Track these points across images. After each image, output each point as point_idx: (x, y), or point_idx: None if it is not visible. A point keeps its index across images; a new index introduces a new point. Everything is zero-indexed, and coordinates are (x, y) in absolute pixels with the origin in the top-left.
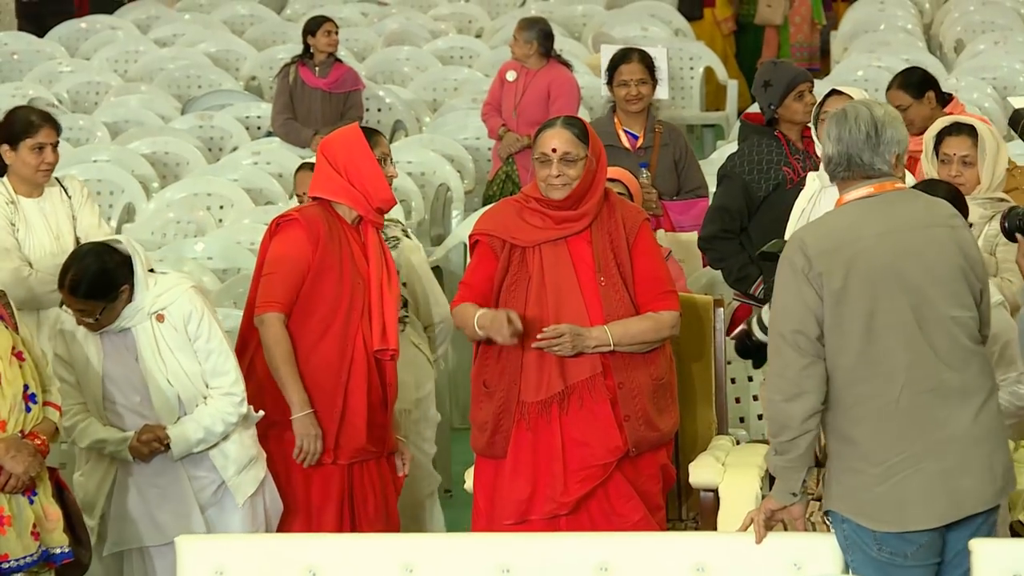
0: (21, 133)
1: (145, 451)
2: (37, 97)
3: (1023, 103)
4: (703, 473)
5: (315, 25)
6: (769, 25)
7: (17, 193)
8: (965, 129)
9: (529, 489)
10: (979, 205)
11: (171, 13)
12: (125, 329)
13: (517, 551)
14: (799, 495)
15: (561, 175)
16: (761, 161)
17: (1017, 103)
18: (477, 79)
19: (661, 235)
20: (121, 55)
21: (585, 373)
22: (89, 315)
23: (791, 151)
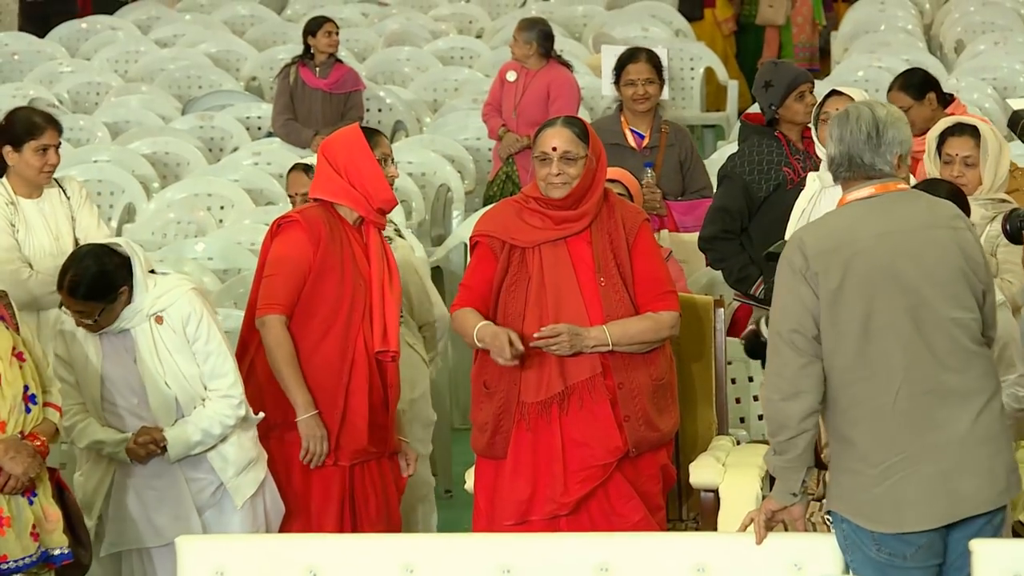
0: (25, 134)
1: (141, 453)
2: (38, 97)
3: (1022, 105)
4: (703, 473)
5: (315, 26)
6: (770, 25)
7: (16, 194)
8: (968, 130)
9: (529, 490)
10: (981, 206)
11: (171, 13)
12: (124, 330)
13: (517, 551)
14: (799, 495)
15: (561, 173)
16: (761, 161)
17: (1016, 105)
18: (478, 79)
19: (665, 235)
20: (122, 55)
21: (585, 373)
22: (88, 316)
23: (791, 151)
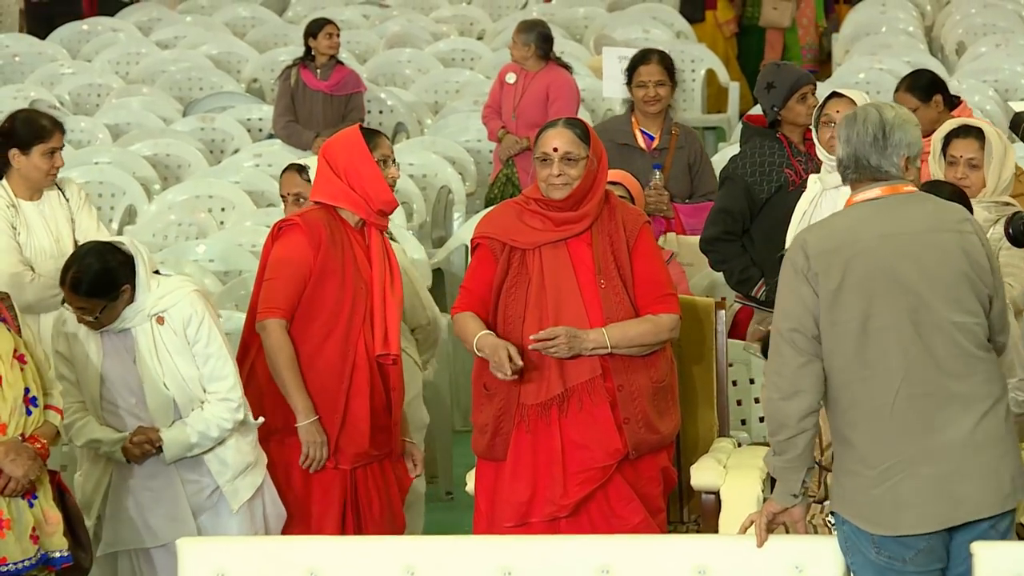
0: (34, 138)
1: (137, 452)
2: (39, 99)
3: (1023, 107)
4: (704, 475)
5: (316, 27)
6: (774, 28)
7: (17, 196)
8: (973, 132)
9: (529, 491)
10: (984, 208)
11: (173, 15)
12: (125, 330)
13: (518, 553)
14: (799, 496)
15: (562, 175)
16: (763, 163)
17: (1018, 107)
18: (479, 81)
19: (672, 238)
20: (123, 57)
21: (584, 375)
22: (89, 313)
23: (793, 153)
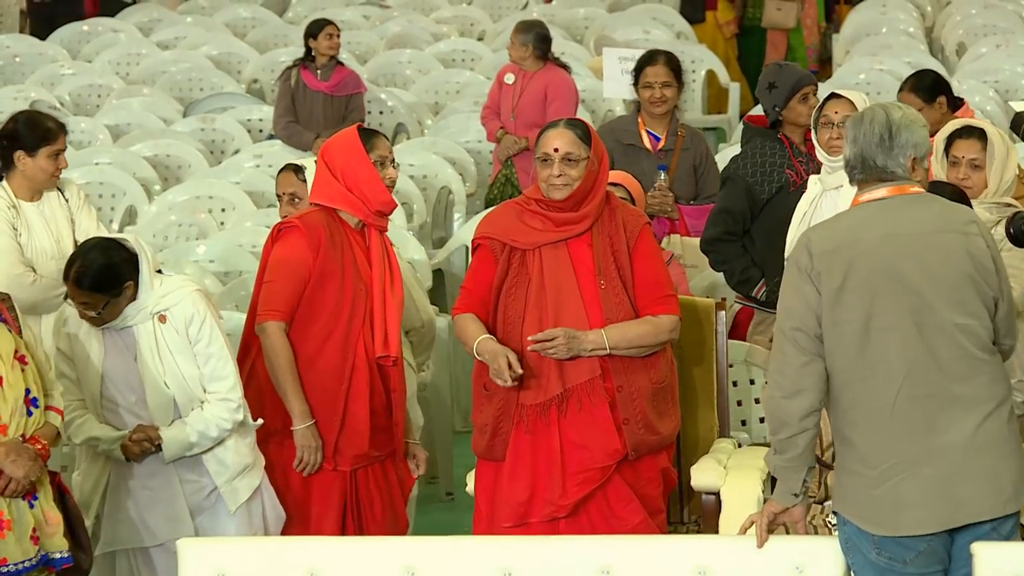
0: (41, 140)
1: (136, 450)
2: (39, 99)
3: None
4: (705, 476)
5: (317, 28)
6: (777, 28)
7: (17, 197)
8: (976, 132)
9: (528, 492)
10: (986, 209)
11: (173, 16)
12: (127, 327)
13: (518, 554)
14: (800, 496)
15: (562, 175)
16: (764, 164)
17: (1018, 107)
18: (479, 82)
19: (676, 240)
20: (123, 58)
21: (584, 376)
22: (92, 308)
23: (794, 154)
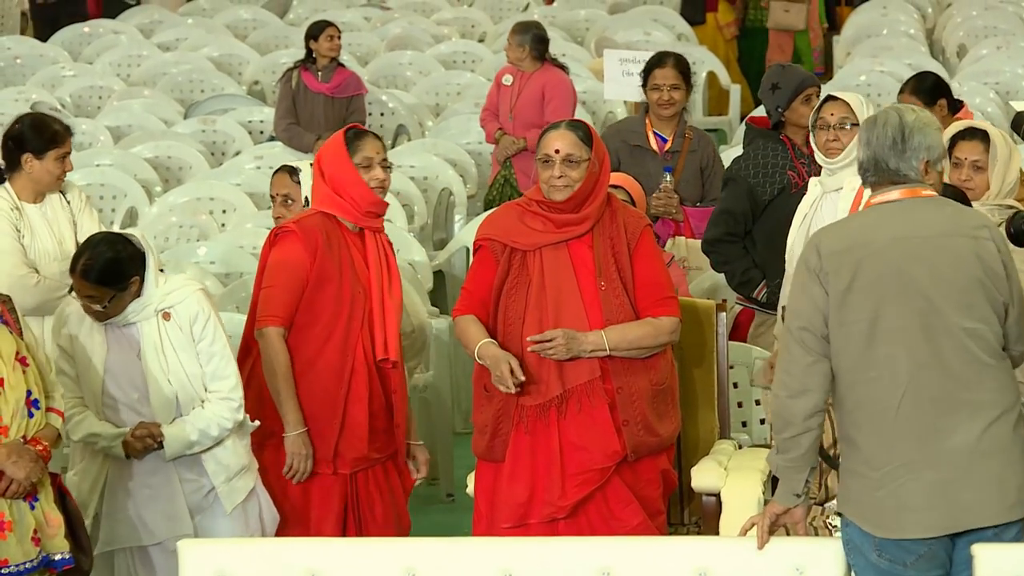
0: (49, 143)
1: (138, 447)
2: (40, 101)
3: None
4: (705, 477)
5: (318, 30)
6: (783, 30)
7: (20, 199)
8: (979, 134)
9: (527, 493)
10: (988, 211)
11: (174, 17)
12: (130, 324)
13: (518, 555)
14: (802, 496)
15: (563, 176)
16: (766, 165)
17: (1019, 107)
18: (480, 83)
19: (680, 242)
20: (124, 59)
21: (583, 377)
22: (98, 302)
23: (796, 155)
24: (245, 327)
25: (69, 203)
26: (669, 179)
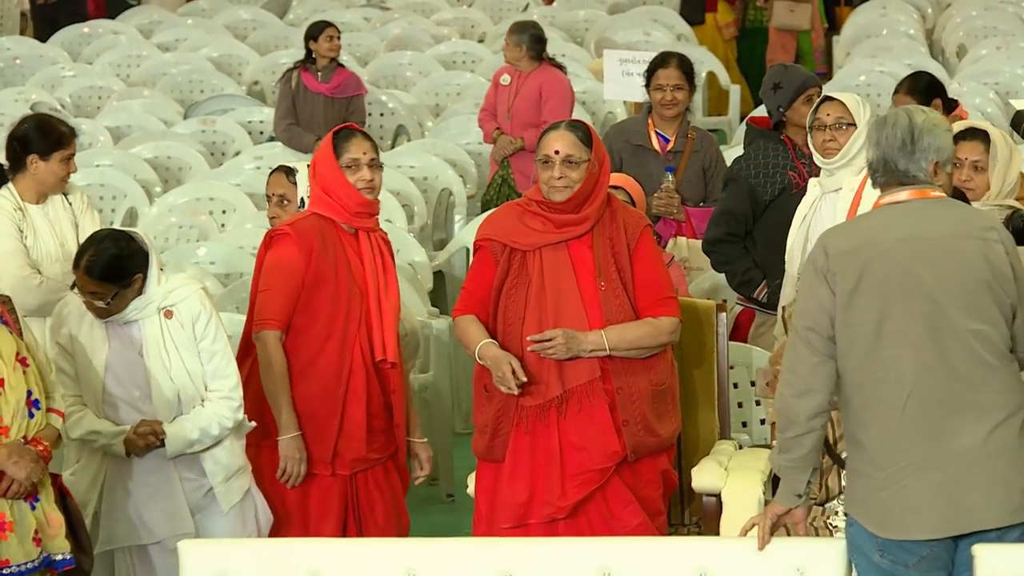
0: (56, 144)
1: (140, 444)
2: (40, 101)
3: None
4: (705, 477)
5: (317, 30)
6: (787, 30)
7: (23, 200)
8: (979, 134)
9: (527, 493)
10: (987, 211)
11: (174, 18)
12: (131, 322)
13: (519, 555)
14: (803, 497)
15: (563, 177)
16: (767, 165)
17: (1018, 105)
18: (480, 84)
19: (682, 242)
20: (124, 60)
21: (583, 377)
22: (101, 299)
23: (797, 155)
24: (244, 328)
25: (71, 204)
26: (670, 179)
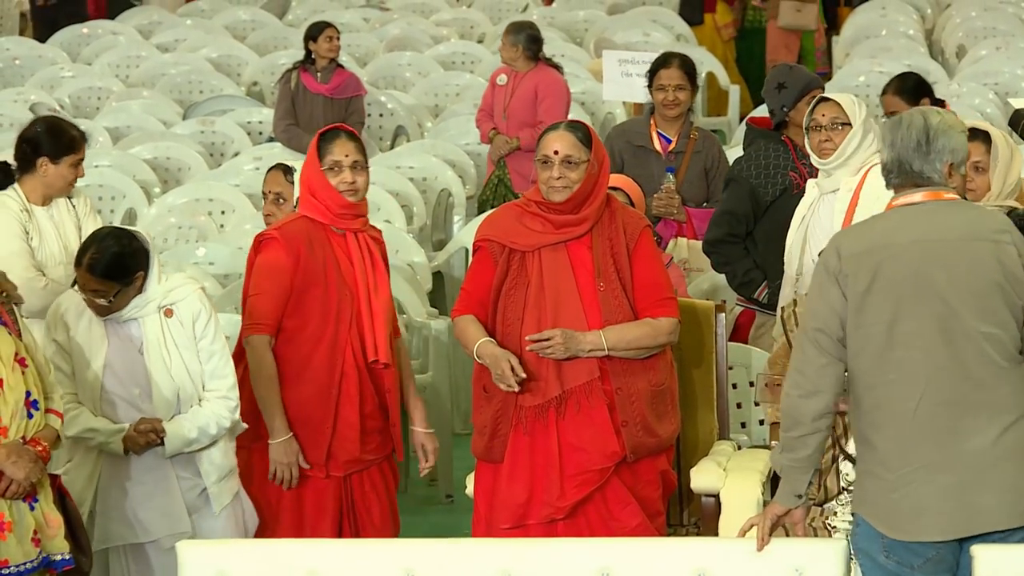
0: (67, 149)
1: (141, 441)
2: (39, 102)
3: (1023, 104)
4: (704, 478)
5: (317, 31)
6: (796, 30)
7: (29, 201)
8: (980, 135)
9: (526, 494)
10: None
11: (173, 18)
12: (131, 320)
13: (517, 556)
14: (803, 498)
15: (562, 177)
16: (768, 166)
17: (1017, 104)
18: (479, 84)
19: (682, 243)
20: (123, 60)
21: (582, 378)
22: (103, 296)
23: (798, 156)
24: (241, 328)
25: (75, 208)
26: (671, 179)
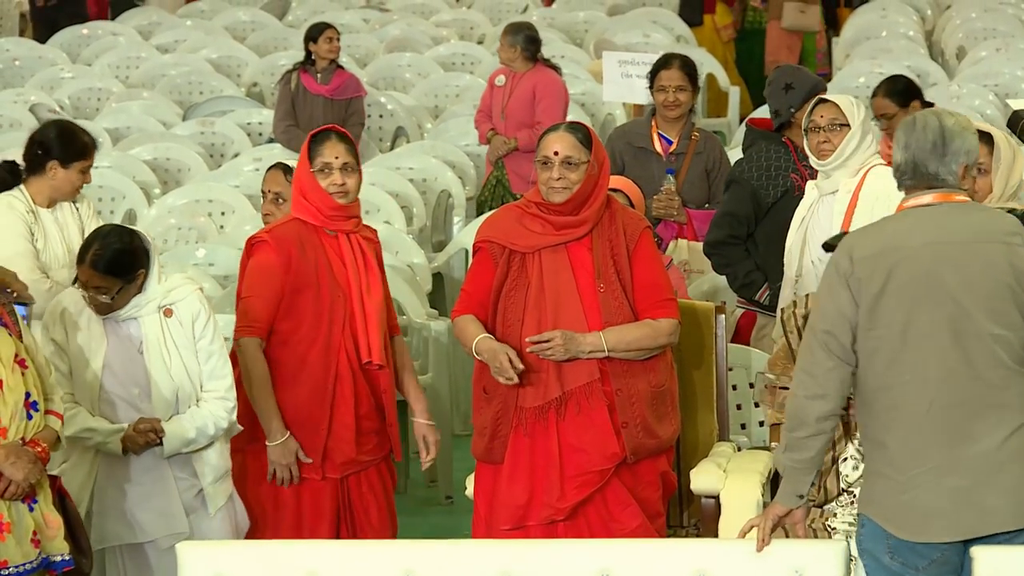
0: (78, 154)
1: (140, 441)
2: (39, 103)
3: (1022, 105)
4: (704, 479)
5: (316, 32)
6: (799, 31)
7: (35, 203)
8: (982, 137)
9: (526, 495)
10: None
11: (173, 19)
12: (128, 319)
13: (517, 557)
14: (804, 499)
15: (562, 178)
16: (769, 167)
17: (1016, 105)
18: (479, 86)
19: (683, 245)
20: (123, 61)
21: (582, 379)
22: (105, 293)
23: (799, 157)
24: None
25: (79, 210)
26: (671, 181)
